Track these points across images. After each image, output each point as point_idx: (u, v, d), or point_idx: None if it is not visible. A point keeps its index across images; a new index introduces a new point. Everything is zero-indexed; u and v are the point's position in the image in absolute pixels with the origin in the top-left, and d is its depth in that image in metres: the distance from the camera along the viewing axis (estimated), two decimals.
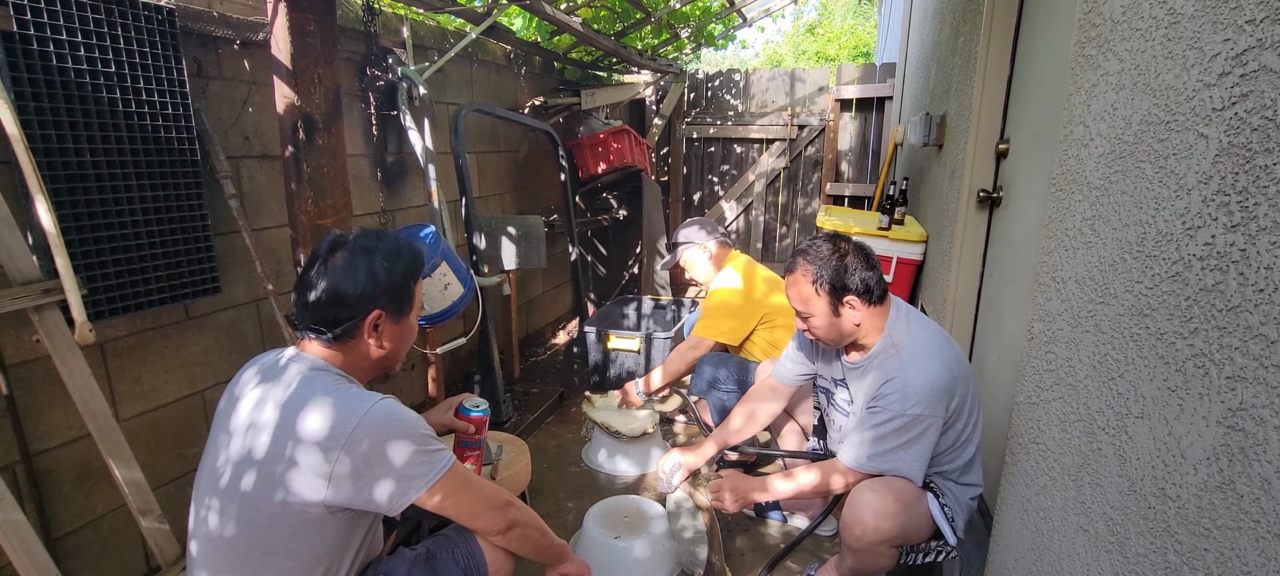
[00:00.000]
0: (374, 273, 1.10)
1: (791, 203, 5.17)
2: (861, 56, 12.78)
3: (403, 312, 1.16)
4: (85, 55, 1.46)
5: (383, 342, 1.14)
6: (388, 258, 1.12)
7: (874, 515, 1.47)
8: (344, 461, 0.99)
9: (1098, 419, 1.05)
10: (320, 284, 1.08)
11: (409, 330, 1.20)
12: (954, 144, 2.43)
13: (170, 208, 1.66)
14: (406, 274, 1.15)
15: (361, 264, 1.10)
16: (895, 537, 1.50)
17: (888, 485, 1.50)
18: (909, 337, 1.53)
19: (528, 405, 2.98)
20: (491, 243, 2.91)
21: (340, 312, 1.09)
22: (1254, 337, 0.71)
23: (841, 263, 1.50)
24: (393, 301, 1.13)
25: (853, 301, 1.51)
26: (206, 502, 1.05)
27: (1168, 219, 0.88)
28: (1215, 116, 0.79)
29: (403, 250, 1.16)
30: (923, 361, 1.49)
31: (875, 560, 1.55)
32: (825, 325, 1.55)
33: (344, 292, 1.08)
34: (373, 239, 1.14)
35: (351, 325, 1.10)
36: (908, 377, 1.48)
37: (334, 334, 1.09)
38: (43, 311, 1.37)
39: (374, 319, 1.11)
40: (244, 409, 1.06)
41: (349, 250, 1.11)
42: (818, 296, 1.52)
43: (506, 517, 1.19)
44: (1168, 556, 0.86)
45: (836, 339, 1.58)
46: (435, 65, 2.55)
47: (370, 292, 1.10)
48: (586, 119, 4.07)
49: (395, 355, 1.19)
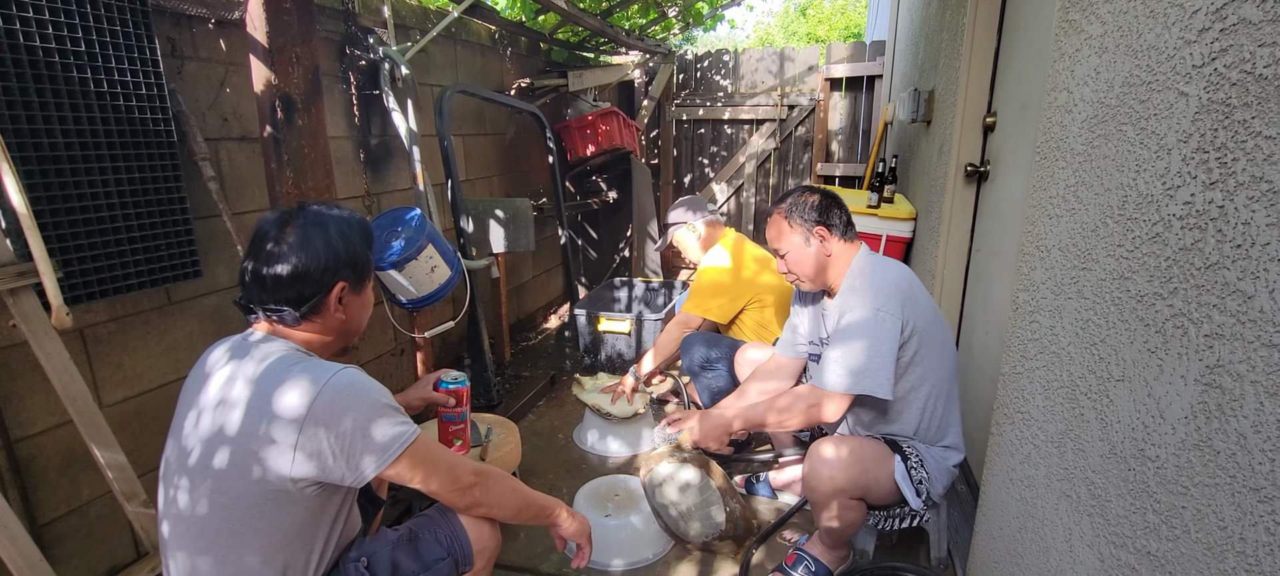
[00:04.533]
0: (332, 245, 1.08)
1: (782, 183, 5.16)
2: (852, 38, 12.72)
3: (362, 282, 1.15)
4: (53, 33, 1.42)
5: (346, 314, 1.13)
6: (341, 228, 1.10)
7: (827, 466, 1.54)
8: (308, 432, 0.97)
9: (1080, 384, 1.05)
10: (278, 262, 1.05)
11: (367, 301, 1.19)
12: (942, 119, 2.42)
13: (147, 190, 1.63)
14: (362, 242, 1.14)
15: (318, 237, 1.07)
16: (851, 488, 1.54)
17: (844, 439, 1.59)
18: (866, 267, 1.63)
19: (518, 389, 2.97)
20: (479, 226, 2.89)
21: (305, 289, 1.06)
22: (1231, 294, 0.71)
23: (808, 199, 1.66)
24: (354, 271, 1.11)
25: (821, 232, 1.63)
26: (175, 481, 1.04)
27: (1148, 180, 0.88)
28: (1195, 73, 0.78)
29: (352, 220, 1.14)
30: (876, 274, 1.60)
31: (843, 514, 1.57)
32: (799, 257, 1.66)
33: (307, 268, 1.05)
34: (321, 211, 1.11)
35: (318, 300, 1.08)
36: (865, 287, 1.57)
37: (301, 311, 1.07)
38: (18, 295, 1.35)
39: (339, 291, 1.09)
40: (214, 386, 1.04)
41: (301, 225, 1.08)
42: (790, 228, 1.66)
43: (472, 491, 1.16)
44: (1147, 516, 0.86)
45: (813, 274, 1.66)
46: (418, 45, 2.51)
47: (333, 265, 1.07)
48: (574, 101, 4.04)
49: (356, 327, 1.18)
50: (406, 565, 1.17)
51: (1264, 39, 0.67)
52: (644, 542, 1.84)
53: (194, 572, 1.03)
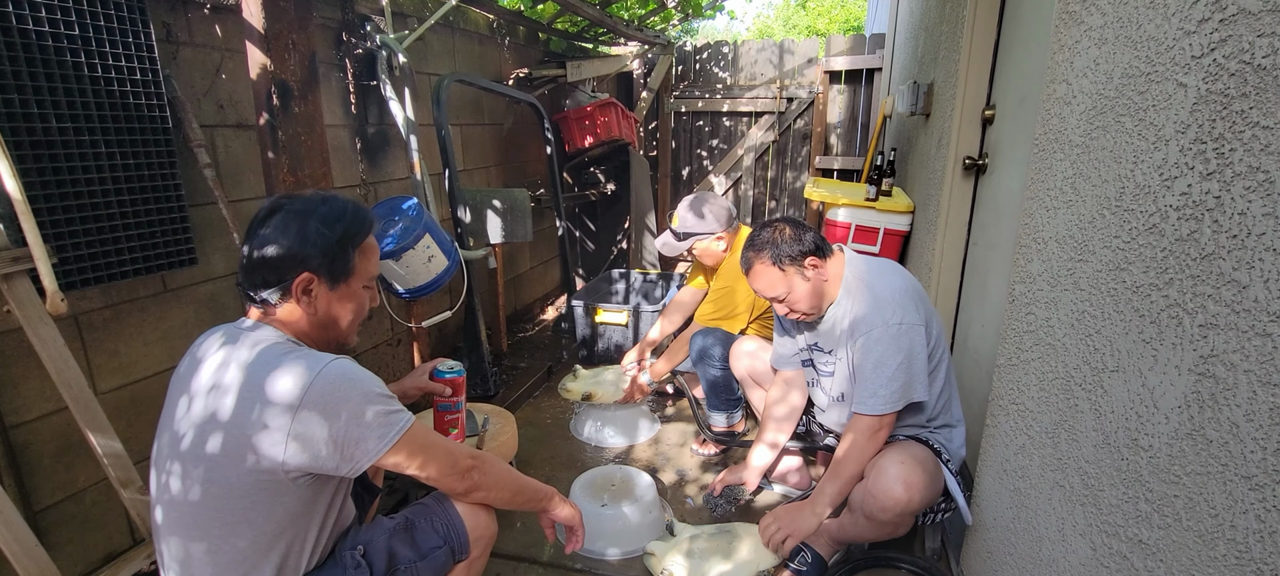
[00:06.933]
0: (305, 234, 1.06)
1: (780, 176, 5.15)
2: (852, 30, 12.68)
3: (338, 278, 1.10)
4: (47, 17, 1.41)
5: (315, 308, 1.09)
6: (325, 220, 1.08)
7: (905, 487, 1.45)
8: (301, 419, 0.96)
9: (1075, 376, 1.06)
10: (258, 246, 1.05)
11: (350, 297, 1.13)
12: (941, 111, 2.42)
13: (142, 176, 1.62)
14: (344, 238, 1.09)
15: (294, 225, 1.06)
16: (922, 507, 1.51)
17: (910, 453, 1.51)
18: (864, 272, 1.62)
19: (515, 380, 2.98)
20: (476, 216, 2.89)
21: (268, 275, 1.05)
22: (1227, 284, 0.72)
23: (783, 235, 1.61)
24: (326, 265, 1.07)
25: (812, 261, 1.60)
26: (168, 467, 1.03)
27: (1146, 171, 0.88)
28: (1194, 64, 0.78)
29: (346, 213, 1.11)
30: (880, 281, 1.58)
31: (895, 531, 1.57)
32: (804, 294, 1.61)
33: (271, 254, 1.05)
34: (313, 202, 1.10)
35: (281, 288, 1.06)
36: (875, 298, 1.54)
37: (263, 296, 1.06)
38: (12, 280, 1.34)
39: (303, 282, 1.06)
40: (207, 370, 1.04)
41: (284, 212, 1.07)
42: (784, 273, 1.60)
43: (471, 474, 1.16)
44: (1139, 505, 0.87)
45: (818, 303, 1.64)
46: (415, 33, 2.50)
47: (298, 254, 1.05)
48: (573, 92, 4.02)
49: (338, 326, 1.14)
50: (403, 553, 1.17)
51: (1262, 29, 0.67)
52: (639, 532, 1.84)
53: (188, 559, 1.03)
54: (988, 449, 1.48)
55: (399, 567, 1.16)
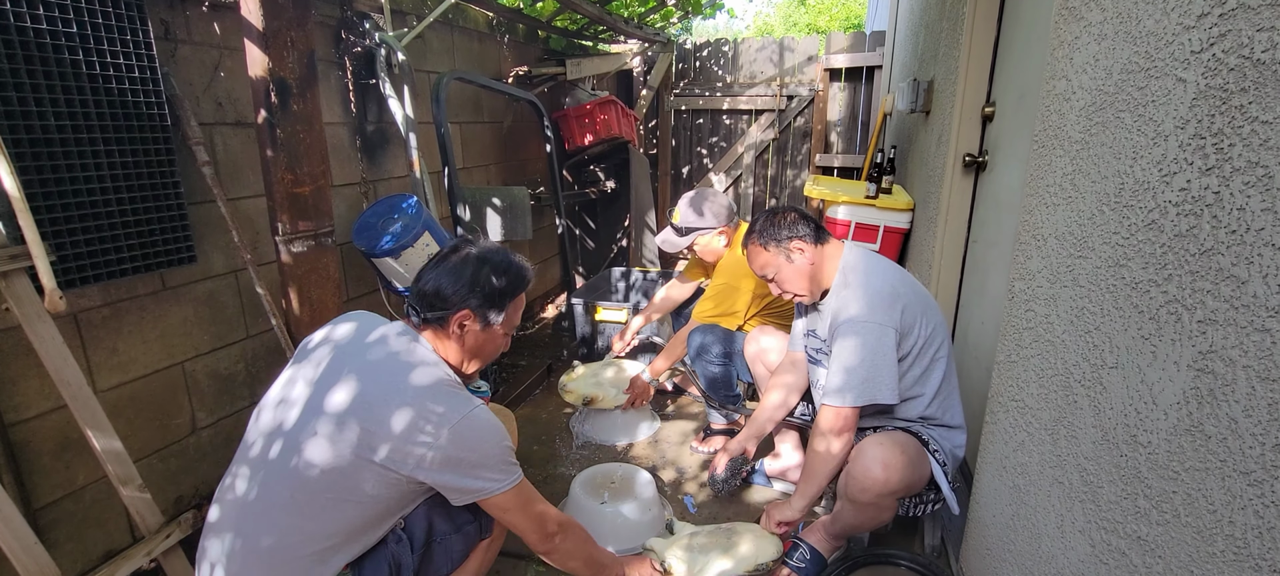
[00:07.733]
0: (477, 278, 1.24)
1: (780, 174, 5.15)
2: (852, 28, 12.66)
3: (488, 321, 1.27)
4: (45, 14, 1.41)
5: (464, 342, 1.27)
6: (496, 270, 1.27)
7: (883, 467, 1.50)
8: (441, 450, 1.11)
9: (1074, 372, 1.05)
10: (432, 275, 1.25)
11: (493, 336, 1.31)
12: (941, 109, 2.42)
13: (140, 174, 1.62)
14: (507, 289, 1.28)
15: (469, 269, 1.25)
16: (902, 489, 1.54)
17: (891, 438, 1.56)
18: (858, 267, 1.67)
19: (515, 378, 2.97)
20: (476, 214, 2.88)
21: (437, 303, 1.24)
22: (1225, 279, 0.71)
23: (773, 221, 1.72)
24: (482, 306, 1.25)
25: (799, 245, 1.67)
26: (273, 441, 1.14)
27: (1145, 167, 0.88)
28: (1193, 59, 0.78)
29: (512, 269, 1.30)
30: (868, 280, 1.63)
31: (878, 515, 1.58)
32: (789, 275, 1.70)
33: (443, 288, 1.23)
34: (489, 252, 1.29)
35: (441, 316, 1.24)
36: (856, 294, 1.60)
37: (424, 318, 1.25)
38: (10, 278, 1.34)
39: (460, 317, 1.24)
40: (348, 359, 1.18)
41: (463, 255, 1.28)
42: (769, 253, 1.71)
43: (553, 539, 1.31)
44: (1138, 501, 0.87)
45: (806, 285, 1.70)
46: (414, 31, 2.49)
47: (464, 294, 1.23)
48: (572, 90, 4.01)
49: (475, 354, 1.30)
50: (440, 525, 1.26)
51: (1262, 23, 0.67)
52: (639, 530, 1.84)
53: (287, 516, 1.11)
54: (987, 445, 1.48)
55: (436, 538, 1.26)
